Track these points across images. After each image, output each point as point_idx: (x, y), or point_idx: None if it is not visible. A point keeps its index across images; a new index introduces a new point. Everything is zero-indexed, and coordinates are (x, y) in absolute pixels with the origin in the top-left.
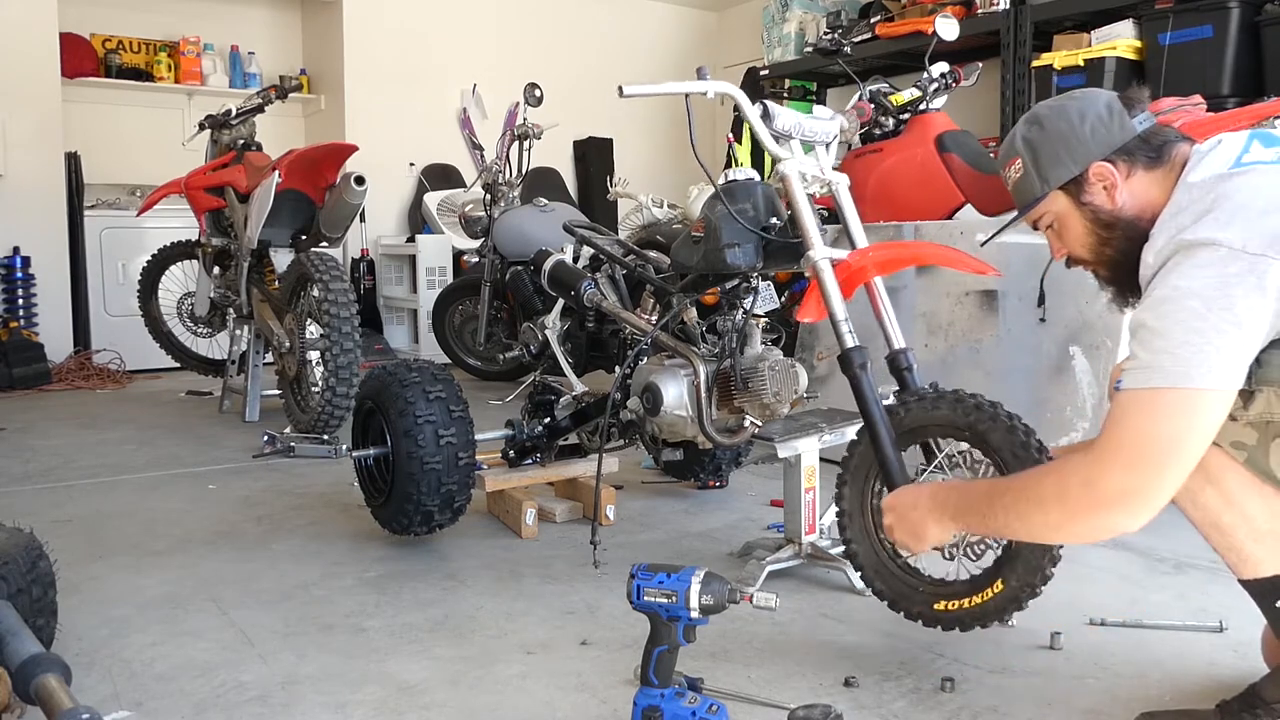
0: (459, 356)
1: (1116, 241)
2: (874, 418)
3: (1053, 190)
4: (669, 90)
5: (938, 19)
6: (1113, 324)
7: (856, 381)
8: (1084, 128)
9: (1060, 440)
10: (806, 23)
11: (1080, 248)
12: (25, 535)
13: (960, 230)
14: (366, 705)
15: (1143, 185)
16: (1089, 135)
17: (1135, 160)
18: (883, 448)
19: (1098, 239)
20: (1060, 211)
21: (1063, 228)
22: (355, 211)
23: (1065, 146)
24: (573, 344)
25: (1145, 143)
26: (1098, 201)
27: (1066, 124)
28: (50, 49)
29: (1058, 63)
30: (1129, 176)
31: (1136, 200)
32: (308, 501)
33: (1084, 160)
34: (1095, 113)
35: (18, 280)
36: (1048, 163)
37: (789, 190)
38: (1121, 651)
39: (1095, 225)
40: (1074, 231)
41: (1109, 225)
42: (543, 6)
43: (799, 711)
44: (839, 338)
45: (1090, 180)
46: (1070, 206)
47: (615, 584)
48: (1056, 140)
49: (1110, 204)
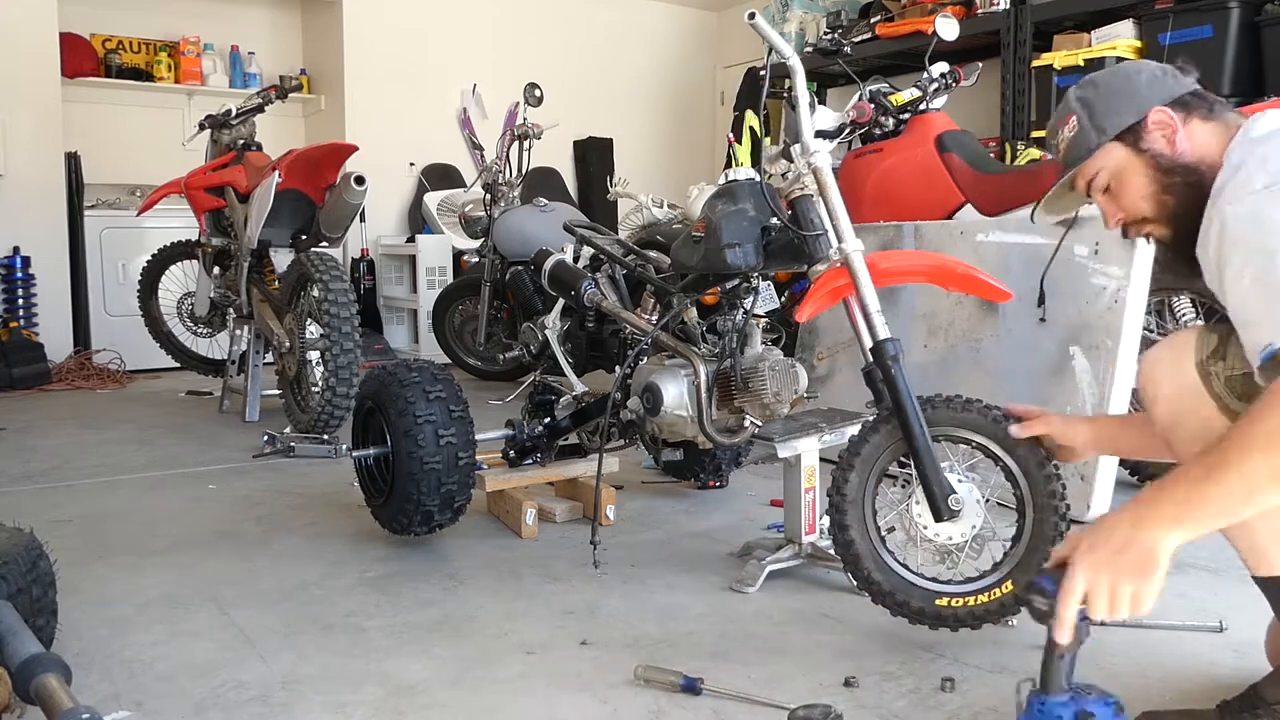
0: (459, 356)
1: (1178, 189)
2: (908, 411)
3: (1110, 140)
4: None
5: (938, 19)
6: (1113, 324)
7: (890, 373)
8: (1140, 78)
9: None
10: (806, 23)
11: (1141, 200)
12: (25, 535)
13: (960, 230)
14: (366, 705)
15: (1201, 134)
16: (1144, 86)
17: (1191, 111)
18: (917, 441)
19: (1160, 186)
20: (1117, 164)
21: (1120, 183)
22: (355, 211)
23: (1123, 97)
24: (573, 344)
25: (1199, 98)
26: (1157, 147)
27: (1122, 79)
28: (50, 49)
29: (1058, 63)
30: (1186, 124)
31: (1196, 148)
32: (308, 501)
33: (1142, 108)
34: (1149, 70)
35: (18, 280)
36: (1104, 113)
37: (821, 180)
38: (1121, 651)
39: (1157, 172)
40: (1133, 184)
41: (1169, 171)
42: (543, 6)
43: (799, 711)
44: (871, 329)
45: (1149, 128)
46: (1128, 156)
47: (615, 584)
48: (1112, 94)
49: (1170, 150)
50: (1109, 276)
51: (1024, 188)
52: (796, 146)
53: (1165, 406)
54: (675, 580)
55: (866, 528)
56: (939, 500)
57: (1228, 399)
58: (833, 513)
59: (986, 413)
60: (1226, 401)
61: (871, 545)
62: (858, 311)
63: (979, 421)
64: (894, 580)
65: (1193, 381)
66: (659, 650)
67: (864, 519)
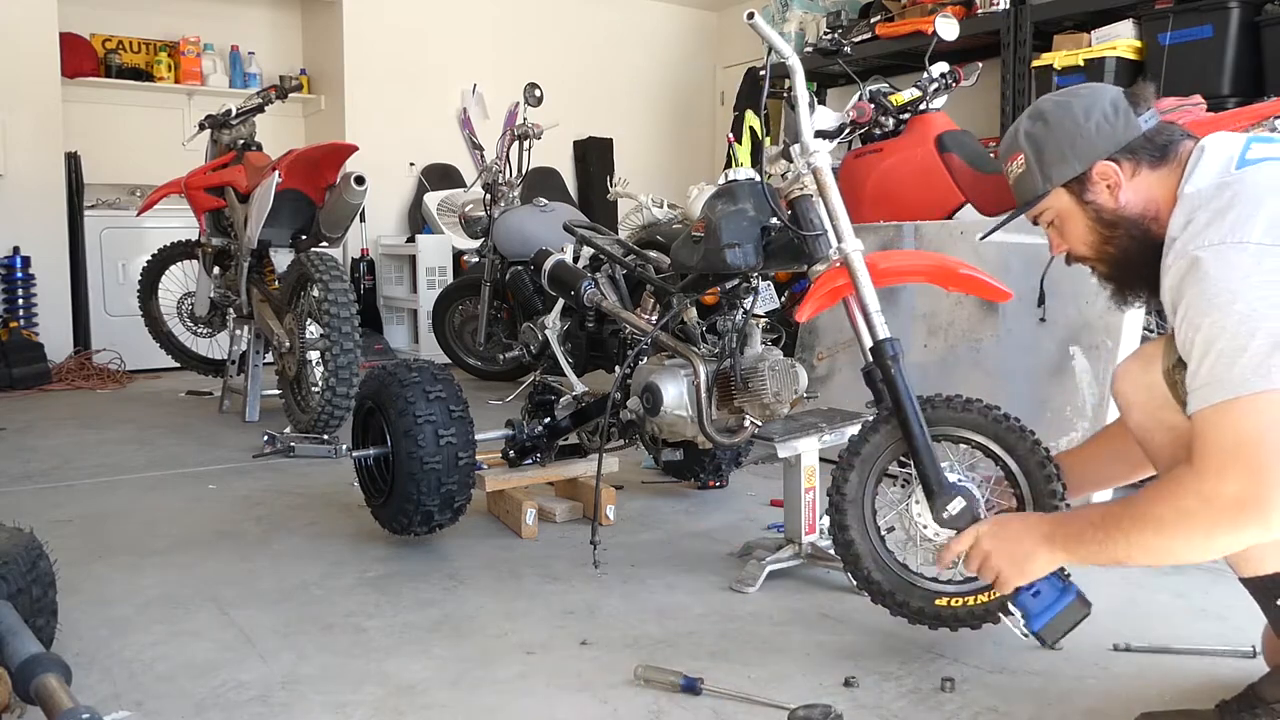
0: (459, 356)
1: (1119, 240)
2: (908, 411)
3: (1055, 188)
4: (777, 42)
5: (938, 19)
6: (1113, 324)
7: (888, 373)
8: (1089, 125)
9: (1060, 440)
10: (806, 23)
11: (1082, 245)
12: (25, 535)
13: (960, 230)
14: (366, 705)
15: (1147, 184)
16: (1094, 133)
17: (1140, 159)
18: (916, 441)
19: (1100, 237)
20: (1062, 209)
21: (1064, 225)
22: (355, 211)
23: (1069, 144)
24: (573, 344)
25: (1150, 141)
26: (1101, 200)
27: (1071, 121)
28: (50, 49)
29: (1058, 63)
30: (1134, 175)
31: (1140, 199)
32: (308, 501)
33: (1088, 159)
34: (1100, 110)
35: (18, 280)
36: (1051, 160)
37: (821, 181)
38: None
39: (1098, 224)
40: (1076, 229)
41: (1112, 224)
42: (543, 6)
43: (799, 711)
44: (871, 328)
45: (1094, 179)
46: (1073, 204)
47: (615, 584)
48: (1060, 137)
49: (1113, 203)
50: None
51: None
52: (796, 146)
53: (1137, 415)
54: (675, 580)
55: (866, 528)
56: (938, 500)
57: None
58: (833, 512)
59: (987, 412)
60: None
61: (871, 545)
62: (857, 311)
63: (979, 421)
64: (894, 580)
65: (1161, 390)
66: (659, 650)
67: (864, 519)
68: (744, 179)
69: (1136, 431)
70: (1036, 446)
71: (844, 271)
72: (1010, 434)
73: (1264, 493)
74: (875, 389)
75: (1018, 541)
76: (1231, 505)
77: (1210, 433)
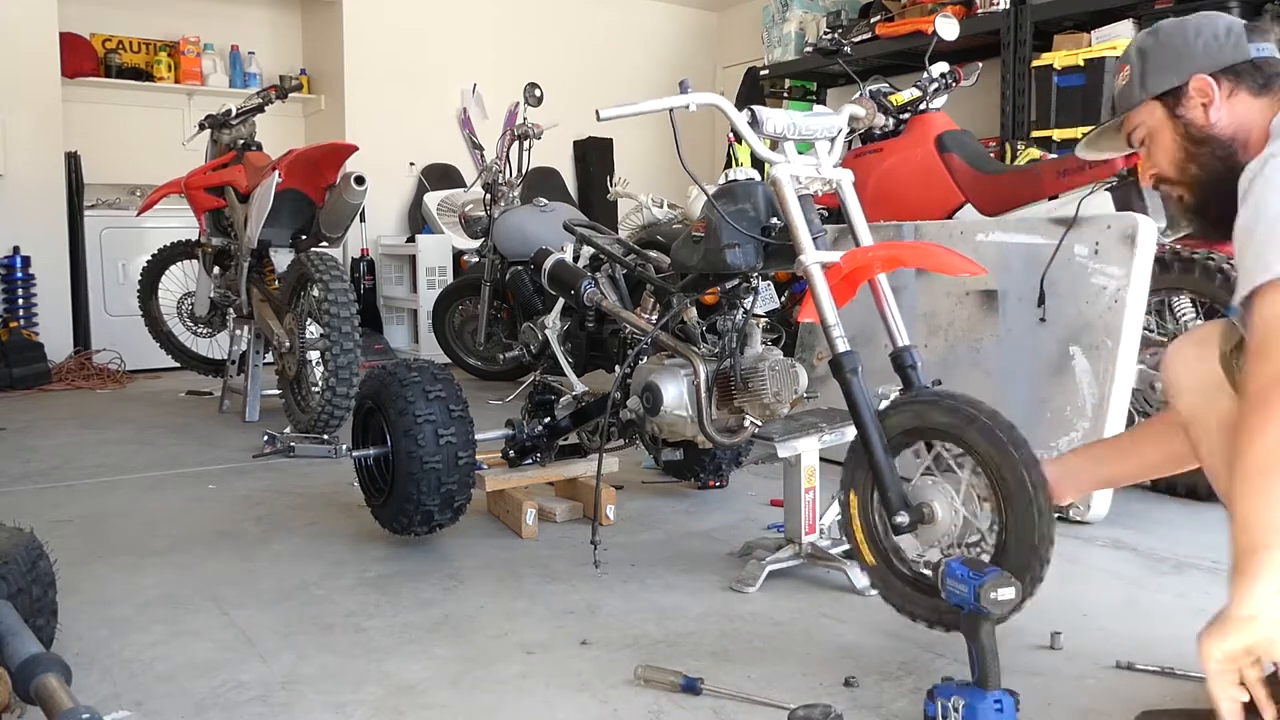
0: (459, 356)
1: (1204, 159)
2: (865, 423)
3: (1150, 99)
4: (649, 109)
5: (938, 19)
6: (1113, 324)
7: (848, 386)
8: (1197, 41)
9: (1060, 440)
10: (806, 22)
11: (1168, 163)
12: (25, 535)
13: (960, 230)
14: (366, 705)
15: (1244, 108)
16: (1200, 49)
17: (1241, 82)
18: (875, 454)
19: (1185, 155)
20: (1155, 124)
21: (1153, 141)
22: (355, 211)
23: (1174, 57)
24: (573, 344)
25: (1257, 68)
26: (1192, 115)
27: (1181, 36)
28: (50, 49)
29: (1058, 63)
30: (1230, 96)
31: (1234, 121)
32: (308, 501)
33: (1187, 72)
34: (1212, 30)
35: (18, 280)
36: (1152, 70)
37: (779, 194)
38: (1121, 651)
39: (1186, 140)
40: (1163, 145)
41: (1200, 141)
42: (543, 6)
43: (799, 711)
44: (830, 343)
45: (1189, 93)
46: (1164, 118)
47: (615, 584)
48: (1167, 50)
49: (1204, 119)
50: (1109, 276)
51: (1024, 188)
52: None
53: (1188, 398)
54: (675, 580)
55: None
56: (893, 514)
57: None
58: (847, 538)
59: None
60: None
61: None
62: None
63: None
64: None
65: (1216, 375)
66: (659, 650)
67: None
68: (744, 179)
69: (1185, 414)
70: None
71: (838, 271)
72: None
73: None
74: (904, 375)
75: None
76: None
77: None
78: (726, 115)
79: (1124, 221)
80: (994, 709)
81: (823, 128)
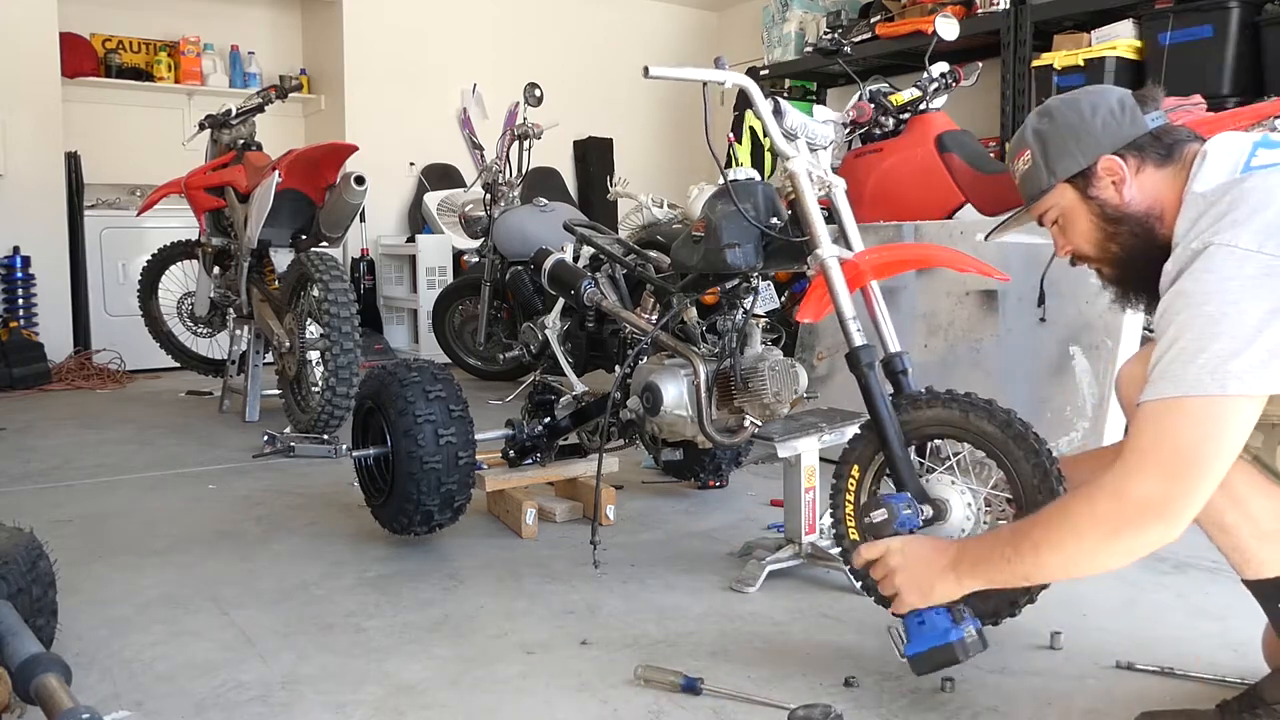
0: (459, 356)
1: (1123, 238)
2: (882, 417)
3: (1060, 183)
4: (691, 76)
5: (938, 19)
6: (1113, 324)
7: (865, 380)
8: (1094, 120)
9: (1060, 440)
10: (806, 22)
11: (1085, 243)
12: (25, 535)
13: (960, 230)
14: (366, 705)
15: (1152, 182)
16: (1099, 128)
17: (1146, 156)
18: (892, 448)
19: (1104, 234)
20: (1067, 206)
21: (1068, 223)
22: (355, 211)
23: (1075, 139)
24: (573, 344)
25: (1156, 140)
26: (1105, 196)
27: (1077, 116)
28: (50, 49)
29: (1058, 63)
30: (1139, 172)
31: (1146, 196)
32: (308, 501)
33: (1093, 153)
34: (1107, 106)
35: (18, 280)
36: (1056, 155)
37: (797, 187)
38: (1121, 651)
39: (1102, 220)
40: (1080, 227)
41: (1115, 220)
42: (543, 6)
43: (799, 711)
44: (847, 336)
45: (1098, 174)
46: (1077, 200)
47: (615, 584)
48: (1066, 132)
49: (1118, 199)
50: None
51: None
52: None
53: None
54: (675, 580)
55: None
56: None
57: None
58: (834, 511)
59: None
60: None
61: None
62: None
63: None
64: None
65: None
66: (659, 650)
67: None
68: (745, 179)
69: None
70: (1024, 439)
71: (854, 267)
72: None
73: (1176, 498)
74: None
75: (924, 565)
76: (1140, 505)
77: (1146, 428)
78: (752, 99)
79: None
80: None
81: (824, 135)
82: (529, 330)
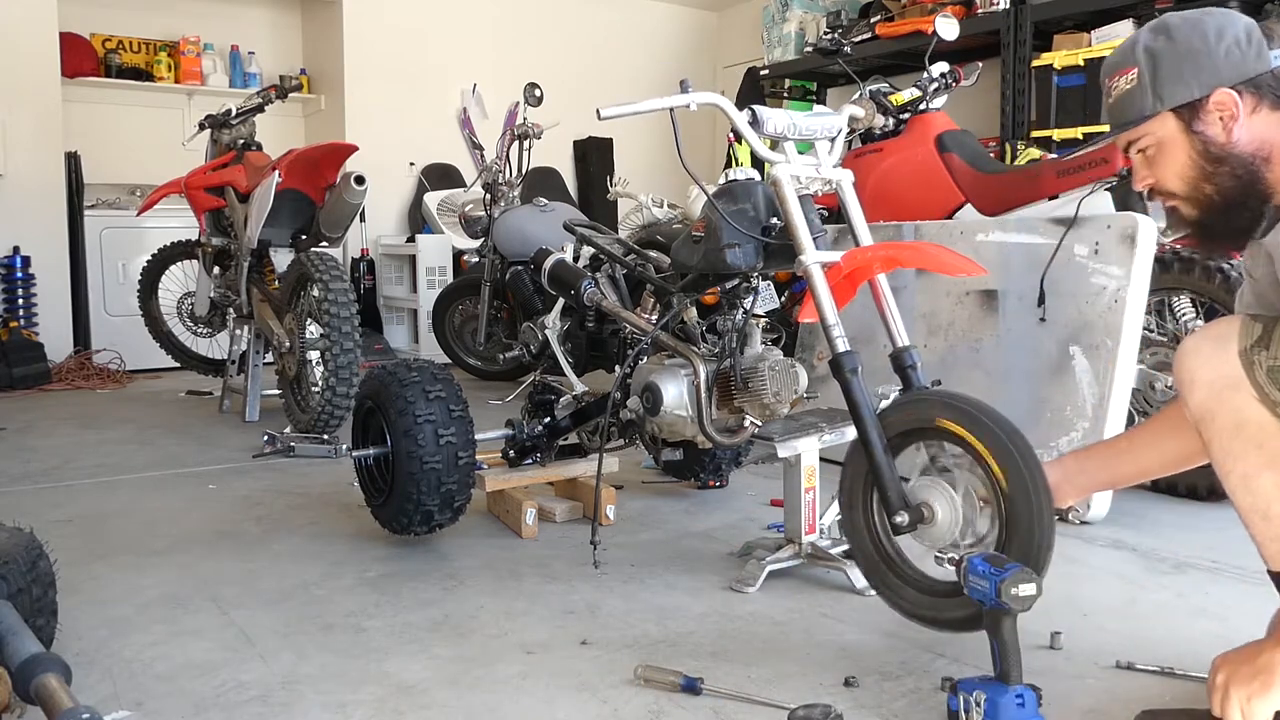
0: (459, 356)
1: (1220, 179)
2: (865, 423)
3: (1165, 110)
4: (648, 108)
5: (938, 19)
6: (1113, 324)
7: (848, 387)
8: (1218, 48)
9: (1060, 440)
10: (806, 22)
11: (1175, 180)
12: (25, 535)
13: (960, 230)
14: (366, 705)
15: (1264, 124)
16: (1222, 58)
17: (1263, 96)
18: (875, 453)
19: (1200, 173)
20: (1165, 137)
21: (1162, 154)
22: (355, 211)
23: (1193, 64)
24: (573, 344)
25: (1278, 80)
26: (1211, 132)
27: (1200, 39)
28: (50, 49)
29: (1058, 63)
30: (1253, 112)
31: (1254, 138)
32: (308, 501)
33: (1209, 84)
34: (1234, 34)
35: (18, 280)
36: (1167, 78)
37: (780, 194)
38: (1121, 651)
39: (1202, 158)
40: (1174, 161)
41: (1217, 160)
42: (543, 6)
43: (799, 711)
44: (830, 342)
45: (1209, 108)
46: (1178, 132)
47: (615, 584)
48: (1185, 55)
49: (1224, 138)
50: (1109, 276)
51: (1024, 188)
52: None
53: (1201, 395)
54: (675, 580)
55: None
56: (893, 514)
57: (1269, 389)
58: (845, 510)
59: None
60: (1268, 391)
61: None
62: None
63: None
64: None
65: (1233, 370)
66: (659, 650)
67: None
68: (744, 179)
69: (1197, 412)
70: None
71: (839, 271)
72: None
73: None
74: (903, 375)
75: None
76: None
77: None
78: (727, 115)
79: (1124, 221)
80: (1015, 703)
81: (822, 128)
82: (529, 330)
